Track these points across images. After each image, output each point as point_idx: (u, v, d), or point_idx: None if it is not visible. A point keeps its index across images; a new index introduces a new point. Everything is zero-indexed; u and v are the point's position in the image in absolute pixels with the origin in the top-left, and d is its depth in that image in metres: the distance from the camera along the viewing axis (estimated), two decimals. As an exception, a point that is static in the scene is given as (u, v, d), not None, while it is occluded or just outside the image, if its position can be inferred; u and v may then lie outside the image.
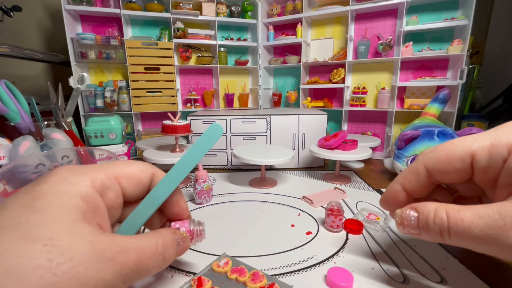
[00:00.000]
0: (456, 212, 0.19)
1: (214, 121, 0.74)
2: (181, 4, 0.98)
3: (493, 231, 0.17)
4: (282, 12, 1.09)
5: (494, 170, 0.20)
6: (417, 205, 0.22)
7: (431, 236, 0.21)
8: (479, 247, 0.19)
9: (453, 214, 0.19)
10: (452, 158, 0.21)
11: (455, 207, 0.20)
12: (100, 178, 0.20)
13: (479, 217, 0.18)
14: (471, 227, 0.18)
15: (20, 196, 0.17)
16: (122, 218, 0.24)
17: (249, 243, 0.37)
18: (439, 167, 0.22)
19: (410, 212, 0.22)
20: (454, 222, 0.19)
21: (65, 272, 0.14)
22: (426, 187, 0.24)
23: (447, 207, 0.20)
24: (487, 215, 0.18)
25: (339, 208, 0.40)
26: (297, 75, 1.08)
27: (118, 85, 0.98)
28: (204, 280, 0.28)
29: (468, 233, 0.18)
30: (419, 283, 0.29)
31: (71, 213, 0.16)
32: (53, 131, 0.55)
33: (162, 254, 0.20)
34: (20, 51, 0.83)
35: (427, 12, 0.87)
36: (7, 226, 0.15)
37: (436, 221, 0.20)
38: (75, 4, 0.89)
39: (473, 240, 0.18)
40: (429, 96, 0.88)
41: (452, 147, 0.21)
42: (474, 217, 0.18)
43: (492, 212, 0.18)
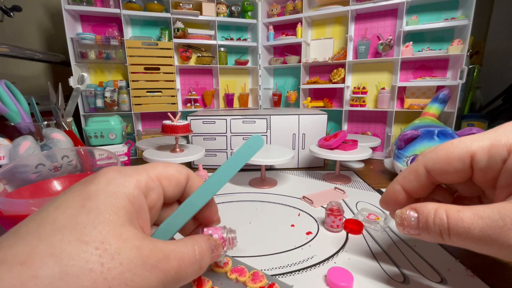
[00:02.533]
0: (456, 213, 0.19)
1: (214, 121, 0.74)
2: (181, 4, 0.98)
3: (493, 232, 0.17)
4: (282, 12, 1.09)
5: (493, 170, 0.20)
6: (417, 206, 0.22)
7: (431, 236, 0.21)
8: (479, 248, 0.19)
9: (453, 215, 0.19)
10: (451, 159, 0.21)
11: (455, 207, 0.20)
12: (144, 179, 0.20)
13: (479, 218, 0.18)
14: (471, 227, 0.18)
15: (73, 196, 0.17)
16: (158, 220, 0.23)
17: (249, 243, 0.37)
18: (438, 167, 0.22)
19: (410, 212, 0.22)
20: (454, 222, 0.19)
21: (115, 278, 0.14)
22: (426, 187, 0.24)
23: (447, 207, 0.20)
24: (487, 216, 0.18)
25: (339, 208, 0.40)
26: (297, 75, 1.08)
27: (118, 85, 0.98)
28: (204, 280, 0.28)
29: (468, 234, 0.18)
30: (419, 283, 0.29)
31: (119, 215, 0.16)
32: (53, 131, 0.55)
33: (199, 262, 0.20)
34: (20, 51, 0.83)
35: (427, 12, 0.87)
36: (64, 226, 0.15)
37: (436, 221, 0.20)
38: (75, 4, 0.89)
39: (473, 241, 0.18)
40: (429, 96, 0.88)
41: (452, 147, 0.21)
42: (474, 218, 0.18)
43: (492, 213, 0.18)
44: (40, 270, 0.13)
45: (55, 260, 0.13)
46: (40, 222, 0.15)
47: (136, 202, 0.18)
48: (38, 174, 0.42)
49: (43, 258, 0.13)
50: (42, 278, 0.13)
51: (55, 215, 0.15)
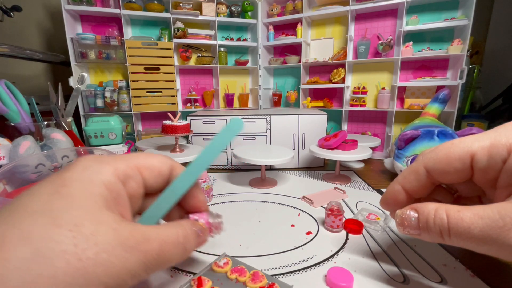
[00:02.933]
0: (456, 213, 0.19)
1: (214, 121, 0.74)
2: (181, 4, 0.98)
3: (493, 232, 0.17)
4: (282, 12, 1.09)
5: (494, 170, 0.20)
6: (417, 206, 0.22)
7: (431, 236, 0.21)
8: (479, 248, 0.19)
9: (453, 215, 0.19)
10: (452, 159, 0.21)
11: (455, 207, 0.20)
12: (122, 167, 0.20)
13: (479, 218, 0.18)
14: (471, 227, 0.18)
15: (47, 184, 0.17)
16: (142, 209, 0.24)
17: (249, 243, 0.37)
18: (439, 167, 0.22)
19: (411, 212, 0.22)
20: (454, 222, 0.19)
21: (90, 258, 0.14)
22: (426, 188, 0.24)
23: (447, 207, 0.20)
24: (487, 216, 0.18)
25: (339, 208, 0.40)
26: (297, 75, 1.08)
27: (118, 85, 0.98)
28: (204, 280, 0.28)
29: (468, 234, 0.18)
30: (419, 283, 0.29)
31: (95, 200, 0.17)
32: (53, 131, 0.55)
33: (184, 244, 0.20)
34: (20, 51, 0.83)
35: (427, 12, 0.87)
36: (35, 211, 0.15)
37: (436, 221, 0.20)
38: (75, 4, 0.89)
39: (473, 241, 0.18)
40: (429, 96, 0.88)
41: (452, 147, 0.21)
42: (474, 218, 0.18)
43: (492, 213, 0.18)
44: (11, 253, 0.13)
45: (26, 243, 0.13)
46: (13, 209, 0.15)
47: (113, 189, 0.18)
48: (38, 174, 0.42)
49: (13, 241, 0.13)
50: (13, 260, 0.13)
51: (27, 201, 0.15)
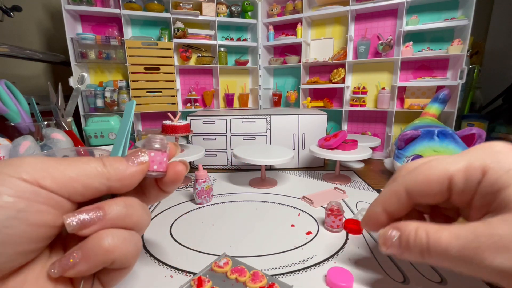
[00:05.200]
0: (435, 233, 0.20)
1: (214, 121, 0.74)
2: (181, 4, 0.98)
3: (469, 252, 0.18)
4: (282, 12, 1.09)
5: (469, 192, 0.21)
6: (400, 225, 0.22)
7: (412, 255, 0.21)
8: (457, 267, 0.19)
9: (432, 235, 0.20)
10: (431, 181, 0.22)
11: (434, 227, 0.20)
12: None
13: (456, 238, 0.19)
14: (449, 248, 0.19)
15: None
16: None
17: (249, 243, 0.37)
18: (419, 189, 0.23)
19: (393, 232, 0.22)
20: (433, 242, 0.20)
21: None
22: (406, 208, 0.24)
23: (427, 227, 0.21)
24: (463, 236, 0.18)
25: (339, 208, 0.40)
26: (297, 75, 1.08)
27: (118, 85, 0.98)
28: (204, 280, 0.28)
29: (446, 254, 0.19)
30: (419, 283, 0.29)
31: None
32: (53, 131, 0.55)
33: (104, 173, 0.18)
34: (20, 51, 0.83)
35: (427, 12, 0.87)
36: None
37: (417, 241, 0.20)
38: (75, 4, 0.89)
39: (451, 261, 0.19)
40: (429, 96, 0.88)
41: (431, 169, 0.22)
42: (451, 238, 0.19)
43: (468, 233, 0.18)
44: None
45: None
46: None
47: None
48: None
49: None
50: None
51: None
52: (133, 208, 0.19)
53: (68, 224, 0.17)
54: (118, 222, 0.18)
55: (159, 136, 0.22)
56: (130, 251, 0.18)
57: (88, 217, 0.17)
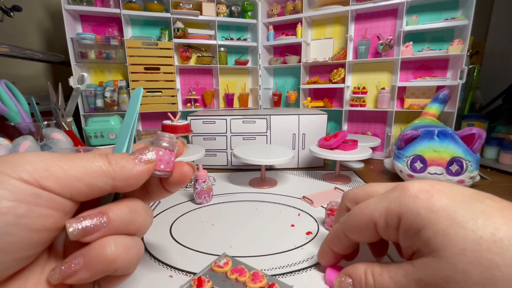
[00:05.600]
0: (378, 276, 0.22)
1: (214, 121, 0.74)
2: (181, 4, 0.98)
3: None
4: (282, 12, 1.09)
5: (393, 234, 0.23)
6: (350, 271, 0.25)
7: None
8: None
9: (376, 278, 0.22)
10: (362, 226, 0.24)
11: (377, 269, 0.23)
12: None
13: (394, 282, 0.21)
14: None
15: None
16: None
17: (249, 243, 0.37)
18: (354, 232, 0.25)
19: (347, 279, 0.25)
20: (378, 285, 0.22)
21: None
22: (350, 247, 0.27)
23: (372, 269, 0.23)
24: (398, 281, 0.21)
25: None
26: (297, 75, 1.08)
27: (118, 85, 0.98)
28: (204, 280, 0.28)
29: None
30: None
31: None
32: (53, 131, 0.55)
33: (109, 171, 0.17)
34: (20, 51, 0.83)
35: (427, 12, 0.87)
36: None
37: (368, 285, 0.23)
38: (75, 4, 0.89)
39: None
40: (429, 96, 0.88)
41: (360, 215, 0.24)
42: (390, 282, 0.21)
43: (401, 277, 0.21)
44: None
45: None
46: None
47: None
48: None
49: None
50: None
51: None
52: (137, 213, 0.18)
53: (71, 232, 0.16)
54: (121, 229, 0.17)
55: (168, 134, 0.21)
56: (133, 259, 0.18)
57: (91, 224, 0.16)
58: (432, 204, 0.20)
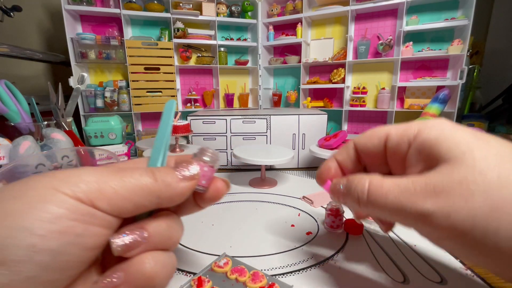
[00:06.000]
0: (378, 181, 0.20)
1: (214, 121, 0.74)
2: (181, 4, 0.98)
3: (403, 198, 0.18)
4: (282, 12, 1.09)
5: (402, 151, 0.22)
6: (349, 176, 0.23)
7: (350, 202, 0.22)
8: (392, 216, 0.20)
9: (375, 182, 0.20)
10: (373, 136, 0.24)
11: (380, 176, 0.21)
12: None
13: (396, 185, 0.19)
14: (388, 193, 0.19)
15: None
16: None
17: (249, 243, 0.37)
18: (362, 141, 0.25)
19: (343, 180, 0.23)
20: (374, 188, 0.20)
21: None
22: (353, 163, 0.26)
23: (373, 176, 0.21)
24: (403, 184, 0.19)
25: (339, 208, 0.40)
26: (297, 75, 1.08)
27: (118, 85, 0.98)
28: (204, 280, 0.28)
29: (384, 200, 0.19)
30: (419, 283, 0.29)
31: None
32: (53, 131, 0.55)
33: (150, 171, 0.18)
34: (20, 51, 0.83)
35: (427, 12, 0.87)
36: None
37: (358, 186, 0.21)
38: (75, 4, 0.89)
39: (387, 208, 0.19)
40: (429, 96, 0.88)
41: (377, 128, 0.24)
42: (393, 185, 0.19)
43: (407, 182, 0.19)
44: None
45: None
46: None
47: None
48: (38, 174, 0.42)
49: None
50: None
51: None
52: (174, 228, 0.19)
53: (114, 248, 0.16)
54: (159, 245, 0.18)
55: (211, 149, 0.21)
56: (169, 276, 0.18)
57: (132, 239, 0.16)
58: (458, 126, 0.20)
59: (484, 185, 0.16)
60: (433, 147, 0.19)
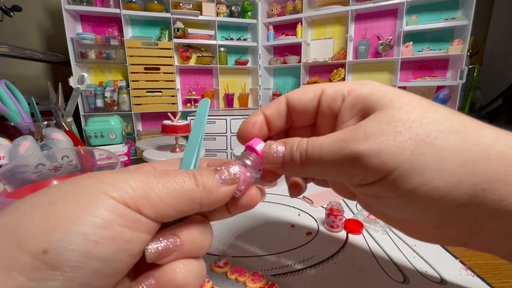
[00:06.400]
0: (315, 139, 0.20)
1: (214, 121, 0.74)
2: (181, 4, 0.98)
3: (336, 145, 0.18)
4: (282, 12, 1.09)
5: (336, 105, 0.21)
6: (286, 140, 0.22)
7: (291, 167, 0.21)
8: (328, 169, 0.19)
9: (311, 141, 0.20)
10: (307, 91, 0.23)
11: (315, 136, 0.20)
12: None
13: (329, 137, 0.19)
14: (322, 144, 0.19)
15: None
16: None
17: (249, 243, 0.37)
18: (296, 96, 0.23)
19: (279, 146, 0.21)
20: (310, 146, 0.20)
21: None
22: (281, 119, 0.24)
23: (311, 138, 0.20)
24: (336, 134, 0.19)
25: (339, 208, 0.40)
26: (297, 75, 1.08)
27: (118, 85, 0.98)
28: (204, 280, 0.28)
29: (319, 153, 0.19)
30: (419, 283, 0.29)
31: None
32: (53, 131, 0.55)
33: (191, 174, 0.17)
34: (20, 51, 0.83)
35: (427, 12, 0.87)
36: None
37: (298, 149, 0.20)
38: (75, 4, 0.89)
39: (323, 159, 0.19)
40: (429, 96, 0.88)
41: (312, 85, 0.23)
42: (325, 138, 0.19)
43: (340, 132, 0.19)
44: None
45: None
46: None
47: None
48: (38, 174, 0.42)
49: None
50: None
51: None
52: (206, 236, 0.18)
53: (148, 255, 0.16)
54: (191, 253, 0.17)
55: (254, 154, 0.20)
56: (199, 284, 0.17)
57: (165, 246, 0.16)
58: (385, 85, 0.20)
59: (410, 122, 0.17)
60: (366, 99, 0.19)
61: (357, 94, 0.20)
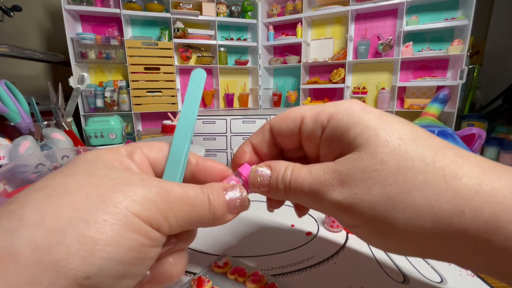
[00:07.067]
0: (297, 170, 0.20)
1: (214, 121, 0.74)
2: (181, 4, 0.98)
3: (315, 187, 0.19)
4: (282, 12, 1.09)
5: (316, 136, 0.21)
6: (271, 163, 0.22)
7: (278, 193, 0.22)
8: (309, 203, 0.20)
9: (295, 171, 0.20)
10: (288, 118, 0.22)
11: (298, 165, 0.21)
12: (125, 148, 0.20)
13: (310, 174, 0.19)
14: (303, 183, 0.19)
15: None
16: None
17: (249, 243, 0.37)
18: (277, 124, 0.23)
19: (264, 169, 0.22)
20: (293, 178, 0.20)
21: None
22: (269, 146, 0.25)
23: (294, 165, 0.21)
24: (315, 172, 0.19)
25: (339, 208, 0.40)
26: (297, 75, 1.08)
27: (118, 85, 0.98)
28: (204, 280, 0.28)
29: (301, 189, 0.19)
30: (419, 283, 0.29)
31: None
32: (53, 131, 0.55)
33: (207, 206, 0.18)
34: (20, 51, 0.83)
35: (427, 12, 0.87)
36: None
37: (284, 178, 0.21)
38: (75, 4, 0.89)
39: (304, 196, 0.19)
40: (429, 96, 0.88)
41: (292, 110, 0.23)
42: (307, 174, 0.19)
43: (319, 170, 0.19)
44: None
45: None
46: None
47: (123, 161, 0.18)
48: (38, 174, 0.42)
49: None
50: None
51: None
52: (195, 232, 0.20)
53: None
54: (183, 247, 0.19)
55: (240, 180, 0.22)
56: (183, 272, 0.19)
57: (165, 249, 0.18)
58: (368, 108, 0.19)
59: (384, 174, 0.16)
60: (344, 133, 0.19)
61: (335, 127, 0.20)
